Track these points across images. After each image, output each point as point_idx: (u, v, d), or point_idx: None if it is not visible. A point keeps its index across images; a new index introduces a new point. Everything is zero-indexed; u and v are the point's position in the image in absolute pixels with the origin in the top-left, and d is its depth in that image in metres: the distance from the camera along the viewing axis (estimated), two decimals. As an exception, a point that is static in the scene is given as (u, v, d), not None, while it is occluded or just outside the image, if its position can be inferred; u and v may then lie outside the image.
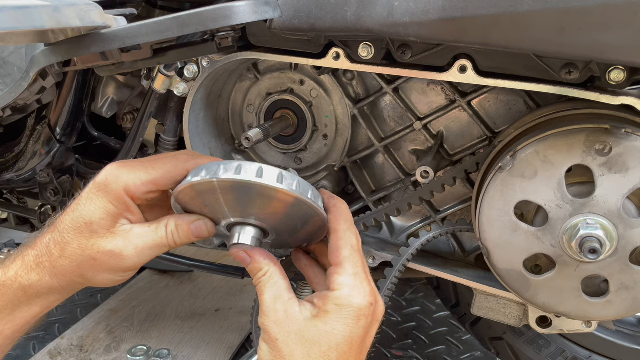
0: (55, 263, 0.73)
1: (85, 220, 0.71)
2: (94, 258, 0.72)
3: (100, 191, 0.72)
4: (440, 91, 0.97)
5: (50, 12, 0.65)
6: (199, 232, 0.76)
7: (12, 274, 0.73)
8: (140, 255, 0.73)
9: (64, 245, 0.72)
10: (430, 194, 0.92)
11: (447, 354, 1.44)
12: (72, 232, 0.72)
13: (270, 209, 0.71)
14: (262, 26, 0.82)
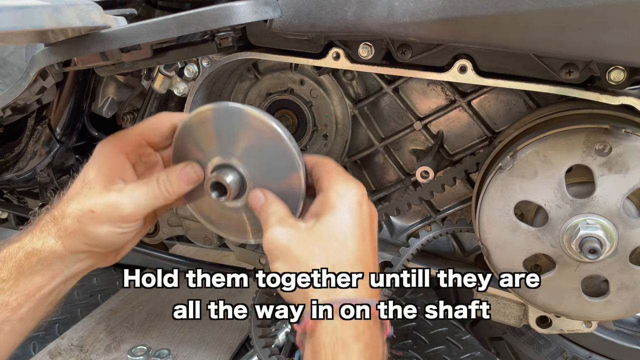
0: (59, 225, 0.75)
1: (85, 181, 0.76)
2: (92, 210, 0.74)
3: (96, 153, 0.77)
4: (440, 91, 0.97)
5: (50, 12, 0.65)
6: (188, 177, 0.79)
7: (17, 244, 0.75)
8: (136, 203, 0.76)
9: (65, 209, 0.75)
10: (430, 194, 0.92)
11: (447, 354, 1.43)
12: (73, 196, 0.75)
13: (256, 144, 0.76)
14: (262, 26, 0.82)
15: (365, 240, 0.74)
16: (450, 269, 0.94)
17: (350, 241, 0.71)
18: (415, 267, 0.96)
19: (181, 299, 1.56)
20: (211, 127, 0.78)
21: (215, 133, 0.78)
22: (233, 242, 0.92)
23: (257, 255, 1.10)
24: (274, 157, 0.77)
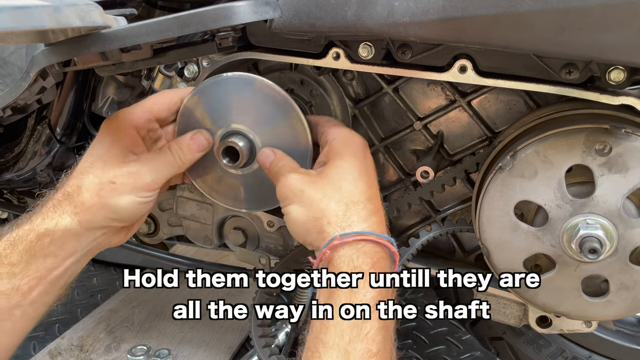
0: (75, 202, 0.76)
1: (97, 155, 0.78)
2: (113, 182, 0.77)
3: (105, 129, 0.79)
4: (440, 91, 0.97)
5: (51, 12, 0.65)
6: (199, 144, 0.85)
7: (27, 227, 0.75)
8: (155, 171, 0.80)
9: (80, 184, 0.77)
10: (430, 194, 0.92)
11: (447, 354, 1.43)
12: (87, 169, 0.77)
13: (261, 108, 0.84)
14: (262, 26, 0.82)
15: (373, 185, 0.80)
16: (450, 269, 0.94)
17: (360, 183, 0.77)
18: (415, 267, 0.96)
19: (181, 299, 1.56)
20: (216, 97, 0.85)
21: (220, 102, 0.85)
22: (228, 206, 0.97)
23: (257, 255, 1.10)
24: (279, 119, 0.84)
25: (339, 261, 0.72)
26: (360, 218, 0.74)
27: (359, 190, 0.77)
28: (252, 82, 0.84)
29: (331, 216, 0.74)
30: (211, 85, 0.86)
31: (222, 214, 1.10)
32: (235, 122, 0.86)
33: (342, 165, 0.78)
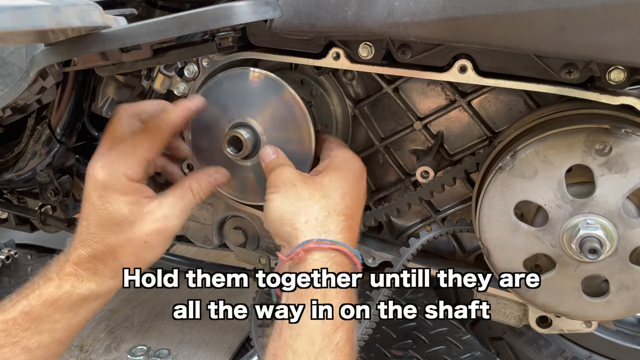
0: (113, 266, 0.78)
1: (117, 220, 0.77)
2: (146, 241, 0.78)
3: (109, 190, 0.77)
4: (440, 91, 0.97)
5: (51, 12, 0.65)
6: (217, 181, 0.88)
7: (68, 288, 0.77)
8: (180, 218, 0.81)
9: (112, 250, 0.77)
10: (430, 194, 0.92)
11: (447, 354, 1.43)
12: (112, 235, 0.77)
13: (273, 107, 0.89)
14: (262, 26, 0.82)
15: (359, 206, 0.83)
16: (450, 269, 0.94)
17: (347, 198, 0.80)
18: (415, 267, 0.96)
19: (181, 299, 1.56)
20: (238, 87, 0.90)
21: (240, 94, 0.90)
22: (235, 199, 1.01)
23: (257, 255, 1.10)
24: (291, 127, 0.89)
25: (312, 264, 0.73)
26: (337, 228, 0.76)
27: (345, 204, 0.79)
28: (279, 88, 0.88)
29: (311, 217, 0.76)
30: (238, 74, 0.90)
31: (222, 214, 1.10)
32: (248, 116, 0.90)
33: (337, 177, 0.81)
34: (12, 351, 0.75)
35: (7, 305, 0.77)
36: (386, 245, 1.02)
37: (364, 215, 0.98)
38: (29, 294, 0.77)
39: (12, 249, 1.85)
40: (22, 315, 0.75)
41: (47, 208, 1.25)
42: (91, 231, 0.78)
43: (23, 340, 0.75)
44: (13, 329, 0.75)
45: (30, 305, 0.76)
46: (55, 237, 1.63)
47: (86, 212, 0.79)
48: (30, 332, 0.75)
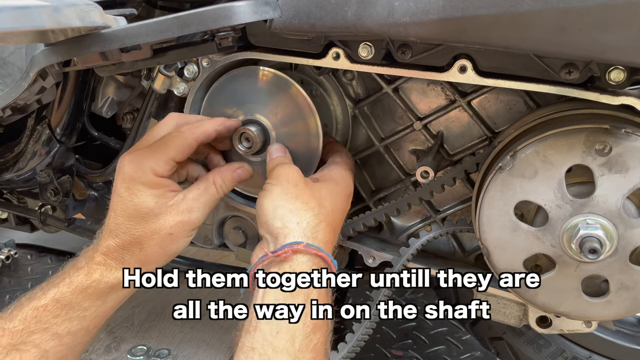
0: (139, 256, 0.81)
1: (143, 212, 0.80)
2: (171, 233, 0.82)
3: (136, 182, 0.80)
4: (440, 91, 0.97)
5: (50, 12, 0.65)
6: (240, 177, 0.91)
7: (97, 276, 0.80)
8: (203, 211, 0.84)
9: (138, 241, 0.81)
10: (430, 194, 0.92)
11: (447, 354, 1.43)
12: (138, 227, 0.80)
13: (284, 104, 0.92)
14: (262, 26, 0.82)
15: (341, 221, 0.90)
16: (450, 269, 0.94)
17: (338, 211, 0.86)
18: (415, 267, 0.96)
19: (181, 299, 1.56)
20: (251, 84, 0.93)
21: (252, 91, 0.93)
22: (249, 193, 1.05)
23: (257, 255, 1.10)
24: (296, 118, 0.92)
25: (297, 266, 0.77)
26: (324, 237, 0.80)
27: (334, 216, 0.84)
28: (288, 85, 0.92)
29: (303, 220, 0.79)
30: (253, 71, 0.93)
31: (222, 214, 1.10)
32: (257, 113, 0.94)
33: (333, 190, 0.86)
34: (42, 337, 0.77)
35: (38, 293, 0.79)
36: (386, 245, 1.02)
37: (365, 215, 0.98)
38: (59, 282, 0.79)
39: (12, 249, 1.85)
40: (53, 302, 0.78)
41: (47, 208, 1.25)
42: (118, 222, 0.81)
43: (53, 326, 0.78)
44: (43, 316, 0.77)
45: (60, 293, 0.78)
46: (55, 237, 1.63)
47: (114, 204, 0.82)
48: (60, 318, 0.78)
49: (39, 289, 0.80)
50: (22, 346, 0.75)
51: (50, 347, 0.78)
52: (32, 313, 0.77)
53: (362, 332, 0.97)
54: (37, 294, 0.79)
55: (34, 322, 0.76)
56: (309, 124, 0.93)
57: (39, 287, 0.81)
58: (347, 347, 0.98)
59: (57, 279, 0.81)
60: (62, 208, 1.22)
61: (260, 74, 0.93)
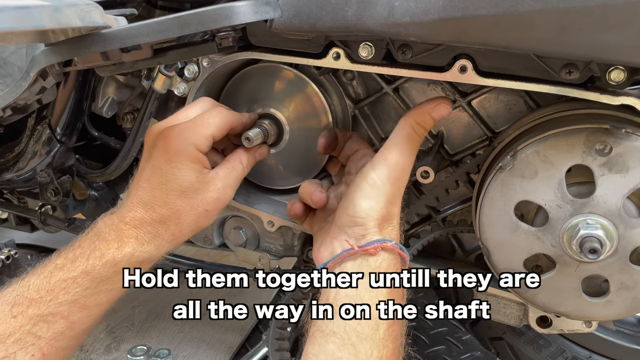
0: (174, 231, 0.81)
1: (185, 186, 0.80)
2: (207, 209, 0.83)
3: (180, 156, 0.80)
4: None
5: (51, 12, 0.65)
6: (261, 155, 0.95)
7: (129, 250, 0.79)
8: (234, 189, 0.87)
9: (176, 215, 0.81)
10: (435, 199, 0.94)
11: (447, 354, 1.43)
12: (177, 200, 0.80)
13: (298, 100, 0.98)
14: (262, 26, 0.82)
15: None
16: (450, 269, 0.94)
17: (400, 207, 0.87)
18: (415, 267, 0.96)
19: (181, 299, 1.57)
20: (269, 81, 0.98)
21: (269, 87, 0.98)
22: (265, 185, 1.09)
23: (257, 255, 1.10)
24: (310, 113, 0.98)
25: (384, 262, 0.81)
26: (397, 234, 0.84)
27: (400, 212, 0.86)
28: (302, 82, 0.96)
29: (392, 218, 0.82)
30: (263, 69, 0.97)
31: (222, 214, 1.10)
32: (272, 107, 0.99)
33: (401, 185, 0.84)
34: (70, 309, 0.77)
35: (67, 265, 0.78)
36: (386, 245, 1.02)
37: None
38: (89, 254, 0.78)
39: (12, 249, 1.85)
40: (83, 275, 0.77)
41: (47, 208, 1.24)
42: (155, 195, 0.80)
43: (82, 299, 0.77)
44: (72, 287, 0.77)
45: (91, 266, 0.77)
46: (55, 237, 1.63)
47: (149, 176, 0.81)
48: (89, 291, 0.78)
49: (65, 260, 0.78)
50: (49, 317, 0.75)
51: (77, 318, 0.78)
52: (61, 285, 0.76)
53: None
54: (65, 265, 0.78)
55: (62, 293, 0.76)
56: (321, 119, 0.97)
57: (62, 256, 0.79)
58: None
59: (83, 250, 0.79)
60: (63, 208, 1.22)
61: (276, 71, 0.98)
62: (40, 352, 0.74)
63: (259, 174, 1.07)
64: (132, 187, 0.83)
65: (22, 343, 0.73)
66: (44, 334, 0.75)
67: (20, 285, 0.77)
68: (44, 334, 0.75)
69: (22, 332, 0.73)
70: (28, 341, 0.73)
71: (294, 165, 1.02)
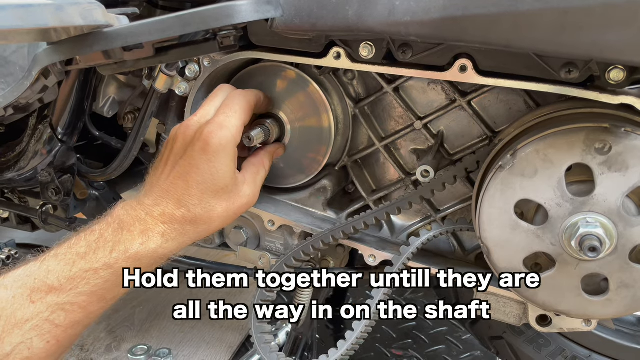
0: (200, 230, 0.81)
1: (220, 185, 0.80)
2: (236, 213, 0.84)
3: (220, 154, 0.80)
4: (440, 90, 0.97)
5: (53, 10, 0.65)
6: (278, 155, 0.99)
7: (153, 247, 0.78)
8: (258, 193, 0.88)
9: (208, 217, 0.80)
10: (431, 192, 0.93)
11: (447, 353, 1.44)
12: (213, 201, 0.80)
13: (300, 100, 0.98)
14: (263, 25, 0.83)
15: None
16: (450, 269, 0.94)
17: None
18: (415, 266, 0.96)
19: (181, 298, 1.57)
20: (272, 81, 0.99)
21: (273, 87, 0.98)
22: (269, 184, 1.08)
23: (258, 254, 1.10)
24: (311, 112, 0.98)
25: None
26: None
27: None
28: (304, 82, 0.97)
29: None
30: (266, 69, 0.98)
31: (222, 213, 1.10)
32: (275, 107, 0.99)
33: None
34: (89, 299, 0.76)
35: (89, 254, 0.77)
36: (386, 244, 1.03)
37: (365, 214, 0.98)
38: (114, 248, 0.77)
39: (13, 249, 1.85)
40: (106, 267, 0.76)
41: (49, 207, 1.24)
42: (192, 193, 0.79)
43: (101, 290, 0.77)
44: (93, 279, 0.76)
45: (114, 259, 0.76)
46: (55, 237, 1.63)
47: (184, 173, 0.80)
48: (110, 284, 0.77)
49: (85, 246, 0.77)
50: (68, 306, 0.74)
51: (95, 309, 0.77)
52: (82, 275, 0.75)
53: (361, 331, 0.97)
54: (88, 254, 0.76)
55: (83, 283, 0.75)
56: (322, 117, 0.98)
57: (84, 242, 0.78)
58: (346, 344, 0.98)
59: (106, 240, 0.78)
60: (64, 207, 1.22)
61: (278, 71, 0.98)
62: (56, 339, 0.74)
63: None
64: (157, 180, 0.82)
65: (39, 330, 0.72)
66: (62, 322, 0.74)
67: (40, 269, 0.75)
68: (61, 322, 0.74)
69: (40, 319, 0.73)
70: (45, 328, 0.73)
71: (294, 164, 1.02)
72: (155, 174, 0.84)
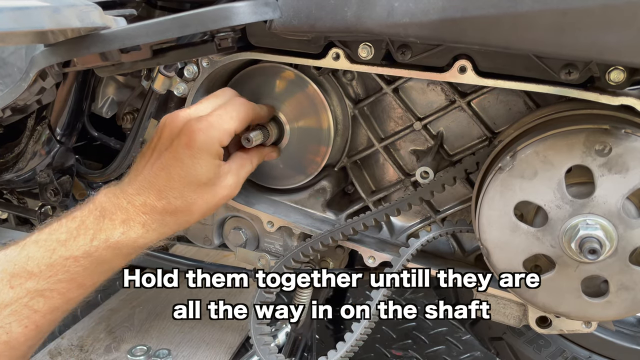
0: (180, 221, 0.82)
1: (202, 180, 0.81)
2: (217, 204, 0.85)
3: (203, 151, 0.80)
4: (440, 91, 0.97)
5: (50, 12, 0.65)
6: (270, 156, 0.99)
7: (134, 236, 0.79)
8: (240, 186, 0.89)
9: (188, 209, 0.81)
10: (430, 193, 0.92)
11: (447, 354, 1.44)
12: (193, 194, 0.81)
13: (299, 100, 0.99)
14: (261, 27, 0.82)
15: None
16: (450, 269, 0.94)
17: None
18: (415, 267, 0.96)
19: (181, 299, 1.57)
20: (272, 81, 0.99)
21: (273, 88, 0.99)
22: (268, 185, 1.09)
23: (257, 255, 1.10)
24: (310, 113, 0.98)
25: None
26: None
27: None
28: (303, 83, 0.97)
29: None
30: (265, 70, 0.98)
31: (221, 214, 1.10)
32: (276, 109, 1.00)
33: None
34: (68, 286, 0.76)
35: (70, 241, 0.77)
36: (386, 246, 1.02)
37: (365, 215, 0.98)
38: (94, 236, 0.77)
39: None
40: (85, 256, 0.77)
41: (47, 208, 1.24)
42: (173, 186, 0.80)
43: (80, 277, 0.77)
44: (72, 267, 0.76)
45: (95, 247, 0.77)
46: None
47: (167, 165, 0.80)
48: (88, 271, 0.77)
49: (66, 232, 0.78)
50: (47, 292, 0.75)
51: (74, 295, 0.78)
52: (62, 262, 0.75)
53: (361, 332, 0.97)
54: (68, 242, 0.77)
55: (62, 271, 0.75)
56: (321, 117, 0.98)
57: (64, 229, 0.78)
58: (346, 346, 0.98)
59: (87, 228, 0.78)
60: (62, 208, 1.22)
61: (277, 71, 0.98)
62: (35, 324, 0.74)
63: (259, 173, 1.06)
64: (141, 169, 0.82)
65: (17, 315, 0.73)
66: (40, 308, 0.74)
67: (19, 255, 0.76)
68: (40, 307, 0.74)
69: (19, 304, 0.73)
70: (24, 314, 0.73)
71: (294, 165, 1.02)
72: (141, 161, 0.84)
